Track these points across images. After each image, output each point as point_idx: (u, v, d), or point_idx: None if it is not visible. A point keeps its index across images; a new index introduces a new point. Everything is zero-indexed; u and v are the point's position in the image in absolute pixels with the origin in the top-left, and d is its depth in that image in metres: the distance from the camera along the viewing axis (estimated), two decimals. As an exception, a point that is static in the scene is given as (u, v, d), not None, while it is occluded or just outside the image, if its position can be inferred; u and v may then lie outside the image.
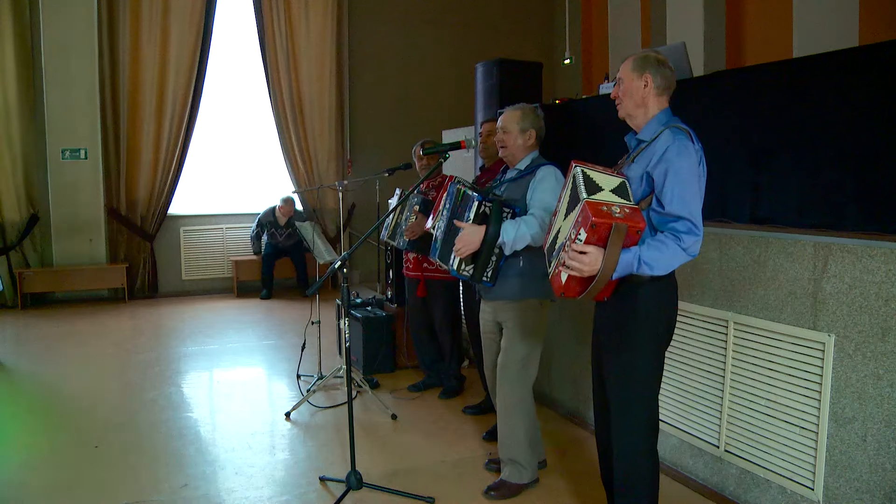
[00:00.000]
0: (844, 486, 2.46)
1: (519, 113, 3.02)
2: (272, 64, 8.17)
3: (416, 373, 4.83)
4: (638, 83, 2.31)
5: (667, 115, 2.32)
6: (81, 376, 4.91)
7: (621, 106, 2.37)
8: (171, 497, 3.08)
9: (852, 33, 5.33)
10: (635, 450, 2.33)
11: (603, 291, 2.19)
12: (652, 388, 2.33)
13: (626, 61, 2.36)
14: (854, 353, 2.41)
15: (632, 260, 2.11)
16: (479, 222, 2.77)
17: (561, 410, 4.08)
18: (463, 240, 2.77)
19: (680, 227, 2.15)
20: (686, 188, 2.15)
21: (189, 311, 7.35)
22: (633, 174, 2.27)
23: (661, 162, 2.18)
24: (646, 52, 2.37)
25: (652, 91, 2.30)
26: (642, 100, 2.31)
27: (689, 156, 2.18)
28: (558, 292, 2.24)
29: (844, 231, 2.74)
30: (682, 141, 2.19)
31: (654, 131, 2.28)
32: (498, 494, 3.03)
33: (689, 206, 2.15)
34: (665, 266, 2.16)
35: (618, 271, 2.11)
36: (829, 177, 2.89)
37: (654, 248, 2.14)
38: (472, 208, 2.78)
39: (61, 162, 7.50)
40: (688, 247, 2.15)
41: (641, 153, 2.28)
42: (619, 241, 2.05)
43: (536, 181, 2.91)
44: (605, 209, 2.06)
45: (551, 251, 2.34)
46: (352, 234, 8.51)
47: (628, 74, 2.33)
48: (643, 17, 7.68)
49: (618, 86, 2.37)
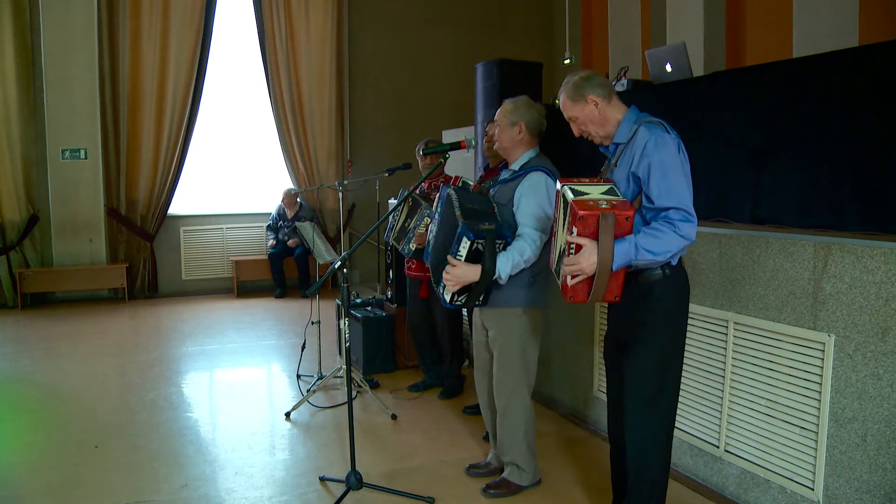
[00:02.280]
0: (844, 486, 2.46)
1: (510, 106, 2.93)
2: (272, 64, 8.17)
3: (416, 373, 4.83)
4: (587, 107, 2.35)
5: (634, 112, 2.35)
6: (81, 376, 4.91)
7: (594, 135, 2.40)
8: (171, 497, 3.08)
9: (852, 33, 5.33)
10: (651, 446, 2.34)
11: (611, 290, 2.18)
12: (667, 384, 2.34)
13: (563, 101, 2.41)
14: (854, 353, 2.41)
15: (628, 248, 2.11)
16: (472, 259, 2.66)
17: (561, 410, 4.08)
18: (456, 277, 2.66)
19: (673, 215, 2.16)
20: (671, 178, 2.18)
21: (189, 311, 7.35)
22: (618, 177, 2.30)
23: (643, 158, 2.20)
24: (573, 78, 2.39)
25: (603, 105, 2.34)
26: (603, 116, 2.35)
27: (667, 146, 2.20)
28: (567, 298, 2.23)
29: (844, 231, 2.74)
30: (658, 134, 2.21)
31: (628, 132, 2.31)
32: (497, 493, 3.02)
33: (677, 195, 2.17)
34: (665, 250, 2.16)
35: (616, 261, 2.10)
36: (829, 177, 2.89)
37: (650, 236, 2.15)
38: (464, 245, 2.64)
39: (61, 162, 7.50)
40: (684, 232, 2.16)
41: (622, 155, 2.30)
42: (609, 230, 2.06)
43: (524, 189, 2.81)
44: (591, 203, 2.09)
45: (558, 266, 2.31)
46: (352, 234, 8.51)
47: (574, 108, 2.37)
48: (643, 17, 7.68)
49: (575, 125, 2.42)
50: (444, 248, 2.80)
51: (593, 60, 8.66)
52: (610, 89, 2.37)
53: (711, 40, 6.55)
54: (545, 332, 4.06)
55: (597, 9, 8.55)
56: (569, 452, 3.52)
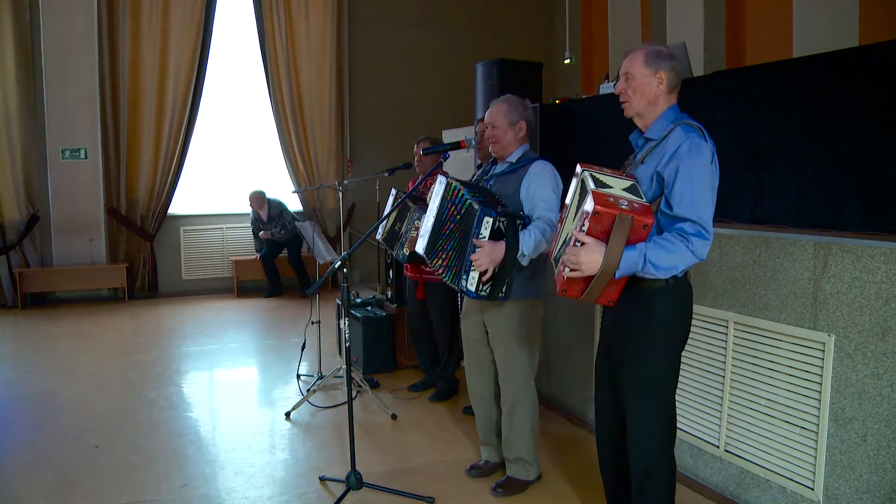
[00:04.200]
0: (844, 486, 2.46)
1: (506, 106, 2.92)
2: (272, 64, 8.17)
3: (416, 373, 4.82)
4: (651, 80, 2.16)
5: (675, 111, 2.19)
6: (81, 376, 4.90)
7: (630, 104, 2.21)
8: (171, 497, 3.08)
9: (852, 33, 5.33)
10: (654, 455, 2.24)
11: (607, 294, 2.03)
12: (670, 393, 2.25)
13: (635, 55, 2.18)
14: (854, 353, 2.41)
15: (637, 258, 1.96)
16: (494, 239, 2.64)
17: (561, 410, 4.08)
18: (487, 255, 2.60)
19: (688, 228, 2.02)
20: (696, 189, 2.02)
21: (189, 311, 7.35)
22: (643, 175, 2.14)
23: (672, 160, 2.05)
24: (656, 47, 2.19)
25: (665, 88, 2.16)
26: (654, 98, 2.17)
27: (701, 154, 2.04)
28: (560, 290, 2.09)
29: (844, 231, 2.74)
30: (695, 139, 2.06)
31: (663, 129, 2.15)
32: (505, 491, 3.03)
33: (698, 208, 2.02)
34: (670, 267, 2.02)
35: (621, 269, 1.95)
36: (829, 177, 2.89)
37: (660, 247, 2.00)
38: (484, 225, 2.61)
39: (61, 162, 7.50)
40: (696, 249, 2.01)
41: (651, 153, 2.15)
42: (622, 235, 1.90)
43: (532, 177, 2.82)
44: (611, 200, 1.91)
45: (559, 256, 2.19)
46: (352, 234, 8.51)
47: (640, 70, 2.16)
48: (643, 17, 7.68)
49: (626, 82, 2.20)
50: (456, 243, 2.74)
51: (593, 60, 8.66)
52: (678, 83, 2.18)
53: (711, 40, 6.54)
54: (544, 330, 4.07)
55: (597, 9, 8.55)
56: (569, 452, 3.52)
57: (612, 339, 2.32)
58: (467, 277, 2.67)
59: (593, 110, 4.81)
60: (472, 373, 3.19)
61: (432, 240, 2.88)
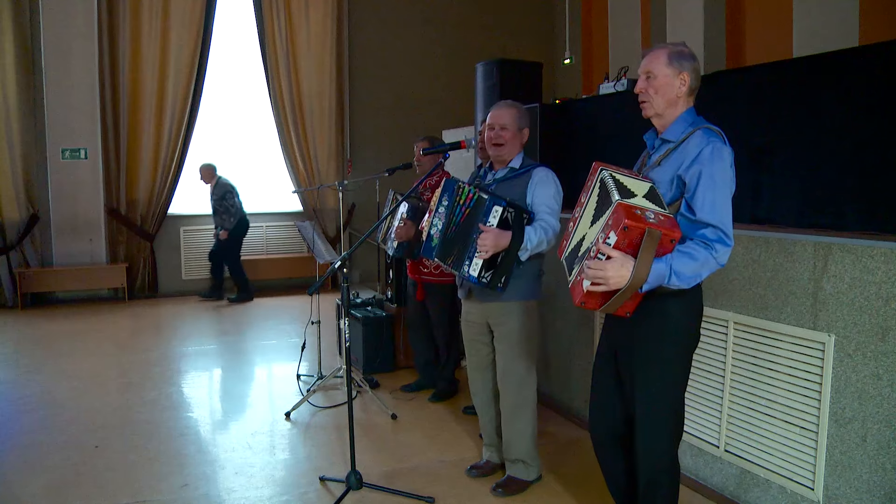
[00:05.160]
0: (844, 486, 2.46)
1: (515, 111, 2.98)
2: (272, 64, 8.17)
3: (415, 373, 4.82)
4: (674, 81, 2.14)
5: (692, 114, 2.19)
6: (81, 376, 4.90)
7: (650, 104, 2.18)
8: (171, 497, 3.08)
9: (852, 33, 5.33)
10: (662, 456, 2.25)
11: (626, 306, 2.00)
12: (681, 395, 2.25)
13: (658, 54, 2.16)
14: (854, 353, 2.41)
15: (664, 271, 1.94)
16: (501, 228, 2.72)
17: (561, 410, 4.08)
18: (492, 240, 2.67)
19: (710, 234, 2.01)
20: (718, 194, 2.01)
21: (189, 311, 7.35)
22: (662, 178, 2.12)
23: (695, 164, 2.04)
24: (678, 46, 2.17)
25: (686, 90, 2.15)
26: (675, 99, 2.16)
27: (723, 159, 2.04)
28: (578, 301, 2.06)
29: (844, 231, 2.74)
30: (717, 143, 2.05)
31: (681, 132, 2.14)
32: (505, 491, 3.04)
33: (720, 213, 2.01)
34: (694, 277, 2.00)
35: (649, 282, 1.93)
36: (829, 177, 2.89)
37: (685, 256, 1.97)
38: (493, 213, 2.72)
39: (61, 162, 7.50)
40: (719, 255, 2.01)
41: (670, 155, 2.13)
42: (651, 249, 1.88)
43: (536, 183, 2.88)
44: (638, 212, 1.88)
45: (573, 258, 2.17)
46: (352, 235, 8.51)
47: (663, 70, 2.14)
48: (643, 17, 7.68)
49: (646, 80, 2.18)
50: (463, 232, 2.79)
51: (593, 60, 8.67)
52: (698, 85, 2.18)
53: (711, 40, 6.54)
54: (544, 331, 4.08)
55: (597, 9, 8.56)
56: (569, 452, 3.52)
57: (621, 343, 2.28)
58: (470, 263, 2.75)
59: (593, 110, 4.80)
60: (474, 374, 3.21)
61: (447, 245, 2.87)
